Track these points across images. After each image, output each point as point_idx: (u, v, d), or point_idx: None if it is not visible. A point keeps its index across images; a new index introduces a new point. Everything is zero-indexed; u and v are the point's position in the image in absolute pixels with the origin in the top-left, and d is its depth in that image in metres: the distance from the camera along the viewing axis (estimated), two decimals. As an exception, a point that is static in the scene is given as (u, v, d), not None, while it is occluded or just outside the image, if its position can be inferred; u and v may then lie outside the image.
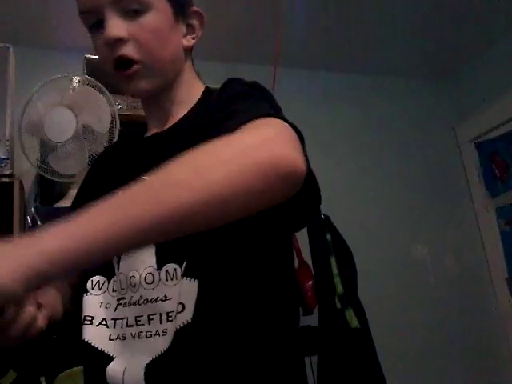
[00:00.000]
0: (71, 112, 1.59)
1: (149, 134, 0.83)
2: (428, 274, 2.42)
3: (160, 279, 0.67)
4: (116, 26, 0.70)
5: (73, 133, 1.58)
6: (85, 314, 0.72)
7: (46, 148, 1.61)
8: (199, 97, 0.80)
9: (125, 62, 0.71)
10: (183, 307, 0.64)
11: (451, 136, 2.71)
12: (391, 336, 2.11)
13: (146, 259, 0.69)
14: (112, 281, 0.73)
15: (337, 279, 1.78)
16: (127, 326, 0.68)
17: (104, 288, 0.73)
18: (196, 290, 0.64)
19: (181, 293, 0.64)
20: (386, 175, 2.46)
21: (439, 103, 2.74)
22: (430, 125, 2.67)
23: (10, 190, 1.54)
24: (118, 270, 0.73)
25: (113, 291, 0.72)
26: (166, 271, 0.67)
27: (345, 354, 1.69)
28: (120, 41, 0.70)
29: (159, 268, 0.68)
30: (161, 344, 0.64)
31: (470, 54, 2.56)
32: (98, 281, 0.73)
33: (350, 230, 1.93)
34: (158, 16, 0.72)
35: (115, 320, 0.70)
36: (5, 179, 1.55)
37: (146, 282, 0.68)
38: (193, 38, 0.80)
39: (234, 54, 2.29)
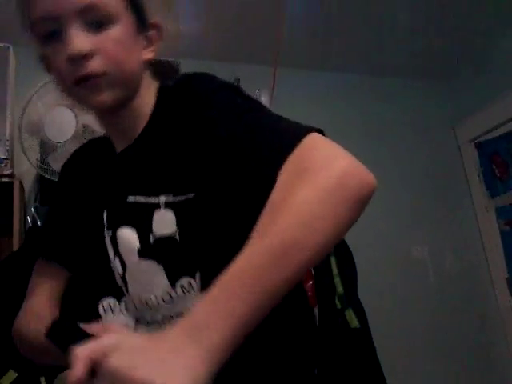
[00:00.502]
0: (71, 112, 1.60)
1: (117, 149, 0.79)
2: (428, 273, 2.42)
3: (178, 295, 0.68)
4: (80, 40, 0.65)
5: (73, 133, 1.58)
6: None
7: (46, 148, 1.61)
8: (154, 102, 0.76)
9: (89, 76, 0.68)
10: None
11: (451, 136, 2.71)
12: (391, 336, 2.11)
13: (156, 280, 0.69)
14: (123, 302, 0.74)
15: (337, 279, 1.78)
16: None
17: (117, 310, 0.74)
18: None
19: None
20: (386, 175, 2.46)
21: (439, 103, 2.74)
22: (430, 125, 2.67)
23: (10, 190, 1.54)
24: (127, 291, 0.73)
25: (126, 310, 0.73)
26: (182, 286, 0.68)
27: (345, 353, 1.69)
28: (85, 56, 0.65)
29: (173, 285, 0.68)
30: None
31: (469, 54, 2.55)
32: (110, 304, 0.74)
33: (350, 230, 1.93)
34: (123, 28, 0.69)
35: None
36: (5, 179, 1.55)
37: (165, 302, 0.69)
38: (152, 51, 0.76)
39: (234, 54, 2.29)
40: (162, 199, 0.68)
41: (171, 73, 0.87)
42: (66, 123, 1.58)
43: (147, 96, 0.76)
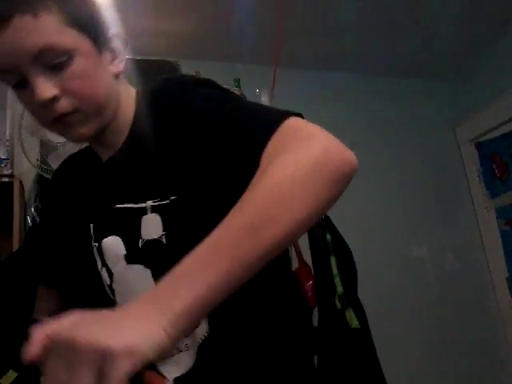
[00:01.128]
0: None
1: (102, 158, 0.79)
2: (428, 273, 2.42)
3: None
4: (45, 86, 0.64)
5: (73, 133, 1.58)
6: None
7: (46, 148, 1.61)
8: (135, 107, 0.76)
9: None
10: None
11: (451, 136, 2.71)
12: (391, 336, 2.11)
13: (143, 285, 0.69)
14: None
15: (337, 279, 1.78)
16: None
17: None
18: None
19: None
20: (386, 175, 2.46)
21: (439, 103, 2.74)
22: (430, 125, 2.67)
23: (10, 190, 1.54)
24: (115, 301, 0.73)
25: None
26: None
27: (345, 353, 1.69)
28: (53, 99, 0.65)
29: None
30: (186, 359, 0.66)
31: (470, 55, 2.56)
32: None
33: (350, 230, 1.93)
34: (82, 59, 0.66)
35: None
36: (5, 179, 1.56)
37: None
38: (120, 62, 0.74)
39: (234, 54, 2.29)
40: (149, 204, 0.69)
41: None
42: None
43: (127, 105, 0.76)
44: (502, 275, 2.45)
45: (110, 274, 0.73)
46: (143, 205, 0.69)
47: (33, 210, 1.63)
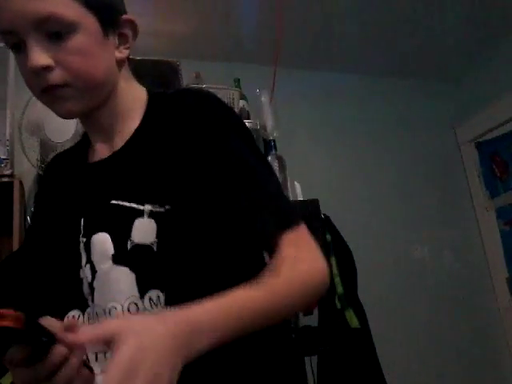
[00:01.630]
0: (71, 112, 1.60)
1: (102, 154, 0.78)
2: (428, 273, 2.42)
3: (145, 307, 0.66)
4: (40, 54, 0.65)
5: (73, 133, 1.58)
6: None
7: (46, 148, 1.61)
8: (145, 105, 0.76)
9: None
10: None
11: (451, 136, 2.71)
12: (391, 336, 2.11)
13: (125, 288, 0.67)
14: (86, 313, 0.71)
15: (337, 279, 1.78)
16: None
17: (80, 321, 0.70)
18: None
19: None
20: (386, 175, 2.46)
21: (439, 103, 2.74)
22: (429, 125, 2.67)
23: (10, 190, 1.54)
24: (92, 301, 0.70)
25: (88, 322, 0.70)
26: (150, 298, 0.67)
27: (345, 353, 1.69)
28: (46, 68, 0.65)
29: (142, 296, 0.67)
30: None
31: (470, 55, 2.55)
32: (74, 316, 0.71)
33: (350, 230, 1.93)
34: (85, 36, 0.67)
35: (96, 354, 0.67)
36: (5, 179, 1.55)
37: (130, 313, 0.66)
38: (126, 49, 0.74)
39: (234, 54, 2.29)
40: (148, 208, 0.68)
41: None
42: (66, 123, 1.58)
43: (128, 97, 0.76)
44: (502, 275, 2.45)
45: (94, 272, 0.70)
46: (141, 207, 0.68)
47: (33, 210, 1.63)
